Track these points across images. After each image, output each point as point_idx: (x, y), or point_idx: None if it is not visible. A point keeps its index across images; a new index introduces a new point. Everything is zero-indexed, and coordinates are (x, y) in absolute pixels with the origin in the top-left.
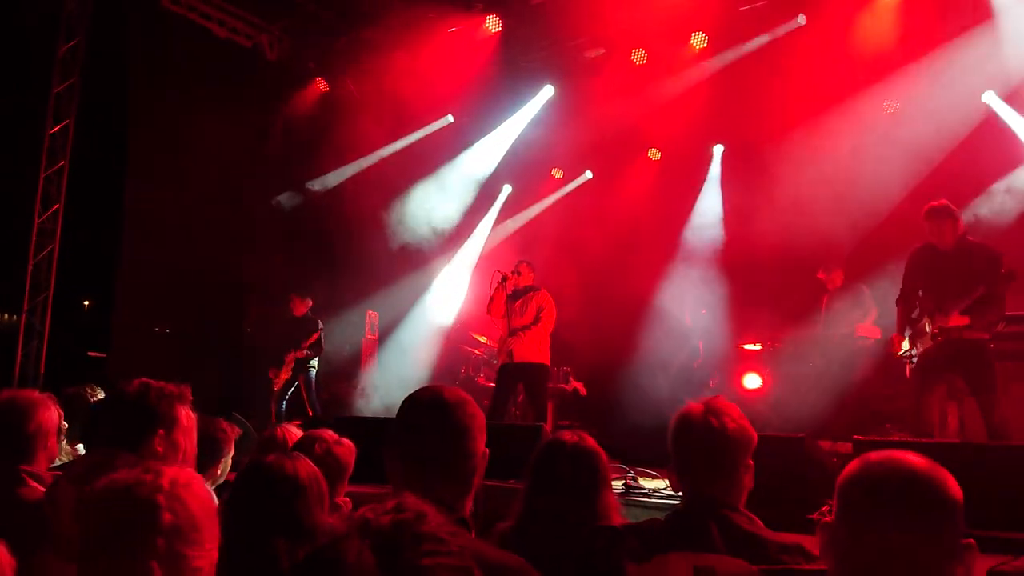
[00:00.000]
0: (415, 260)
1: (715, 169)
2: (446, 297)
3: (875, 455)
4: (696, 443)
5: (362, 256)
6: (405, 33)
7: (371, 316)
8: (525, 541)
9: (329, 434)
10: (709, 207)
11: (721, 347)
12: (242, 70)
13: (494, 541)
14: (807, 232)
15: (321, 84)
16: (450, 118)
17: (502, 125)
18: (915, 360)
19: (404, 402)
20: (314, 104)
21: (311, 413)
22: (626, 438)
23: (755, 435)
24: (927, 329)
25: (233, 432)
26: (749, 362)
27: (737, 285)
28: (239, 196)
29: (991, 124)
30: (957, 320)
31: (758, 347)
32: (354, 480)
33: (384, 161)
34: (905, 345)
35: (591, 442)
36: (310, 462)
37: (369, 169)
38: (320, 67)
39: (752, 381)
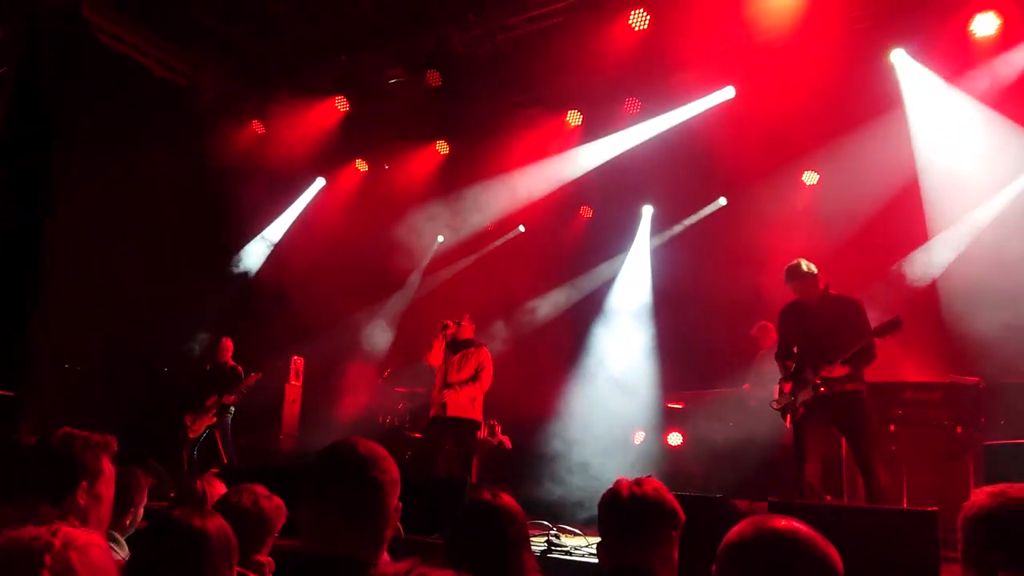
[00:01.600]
0: (347, 306)
1: (644, 229)
2: (376, 345)
3: (753, 523)
4: (619, 515)
5: (292, 300)
6: (344, 80)
7: (296, 362)
8: None
9: (260, 489)
10: (638, 264)
11: (648, 404)
12: (178, 109)
13: None
14: (735, 292)
15: (257, 126)
16: (386, 167)
17: (441, 176)
18: (794, 411)
19: (318, 455)
20: (250, 146)
21: (226, 462)
22: (550, 494)
23: (681, 512)
24: (809, 378)
25: (147, 481)
26: (674, 419)
27: (665, 342)
28: (165, 235)
29: (904, 200)
30: (840, 370)
31: (682, 405)
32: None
33: (320, 205)
34: (777, 396)
35: (508, 501)
36: (221, 518)
37: (305, 213)
38: (257, 109)
39: (675, 438)
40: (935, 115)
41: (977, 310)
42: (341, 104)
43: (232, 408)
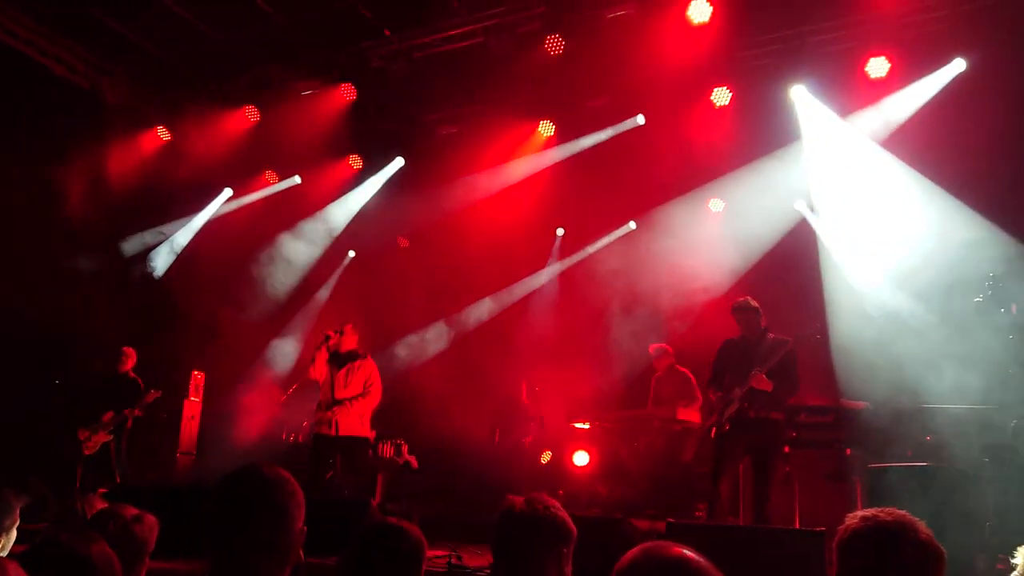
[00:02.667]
0: (251, 322)
1: (556, 249)
2: (281, 360)
3: (644, 549)
4: (514, 533)
5: (193, 313)
6: (256, 89)
7: (196, 377)
8: None
9: (129, 510)
10: (548, 285)
11: (553, 424)
12: (78, 112)
13: None
14: (640, 316)
15: (163, 132)
16: (297, 179)
17: (351, 192)
18: (720, 426)
19: (222, 479)
20: (154, 153)
21: (118, 480)
22: (455, 514)
23: (574, 528)
24: (736, 394)
25: (19, 502)
26: (579, 440)
27: (571, 362)
28: (63, 240)
29: (802, 229)
30: (764, 383)
31: (587, 426)
32: (166, 555)
33: (227, 217)
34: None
35: (406, 525)
36: (105, 543)
37: (211, 224)
38: (163, 115)
39: (581, 459)
40: (830, 150)
41: (867, 337)
42: (251, 114)
43: (129, 424)
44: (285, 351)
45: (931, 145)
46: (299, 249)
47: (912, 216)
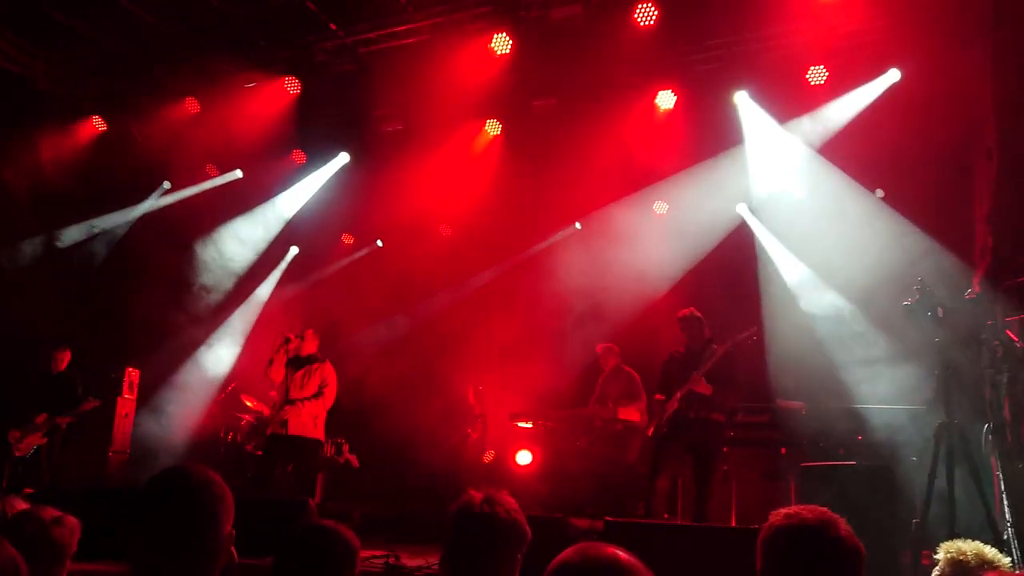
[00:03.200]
0: (188, 317)
1: (501, 248)
2: (219, 357)
3: (578, 550)
4: (471, 532)
5: (128, 308)
6: (198, 81)
7: (131, 374)
8: None
9: (48, 512)
10: (493, 284)
11: (497, 423)
12: (11, 99)
13: None
14: (584, 316)
15: (98, 122)
16: (239, 173)
17: (294, 187)
18: (660, 426)
19: (149, 481)
20: (89, 142)
21: (47, 480)
22: (394, 513)
23: (528, 531)
24: (676, 395)
25: None
26: (522, 439)
27: (516, 362)
28: None
29: (742, 232)
30: (703, 387)
31: (530, 425)
32: (93, 557)
33: (165, 210)
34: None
35: (341, 528)
36: (9, 546)
37: (148, 217)
38: (100, 105)
39: (524, 457)
40: (771, 155)
41: (803, 339)
42: (192, 106)
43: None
44: (223, 348)
45: (866, 152)
46: (239, 244)
47: (847, 221)
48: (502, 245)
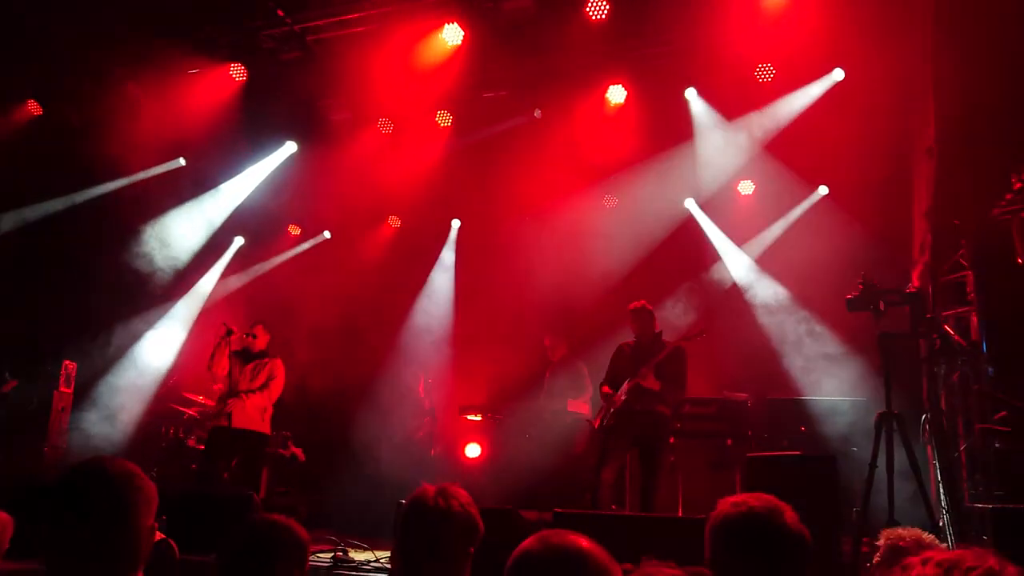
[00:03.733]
0: (128, 308)
1: (451, 241)
2: (160, 350)
3: (540, 538)
4: (424, 525)
5: (65, 300)
6: (139, 66)
7: (68, 366)
8: None
9: None
10: (443, 277)
11: (446, 417)
12: None
13: None
14: (534, 309)
15: (33, 107)
16: (181, 161)
17: (239, 176)
18: (606, 417)
19: (63, 475)
20: (23, 127)
21: None
22: (342, 508)
23: (481, 524)
24: (624, 389)
25: None
26: (471, 432)
27: (466, 355)
28: None
29: (691, 226)
30: (651, 382)
31: (479, 417)
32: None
33: (104, 198)
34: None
35: (288, 522)
36: None
37: (86, 205)
38: (35, 88)
39: (473, 450)
40: (719, 150)
41: (748, 332)
42: (134, 91)
43: None
44: (165, 340)
45: (811, 149)
46: (182, 235)
47: (792, 216)
48: (452, 237)
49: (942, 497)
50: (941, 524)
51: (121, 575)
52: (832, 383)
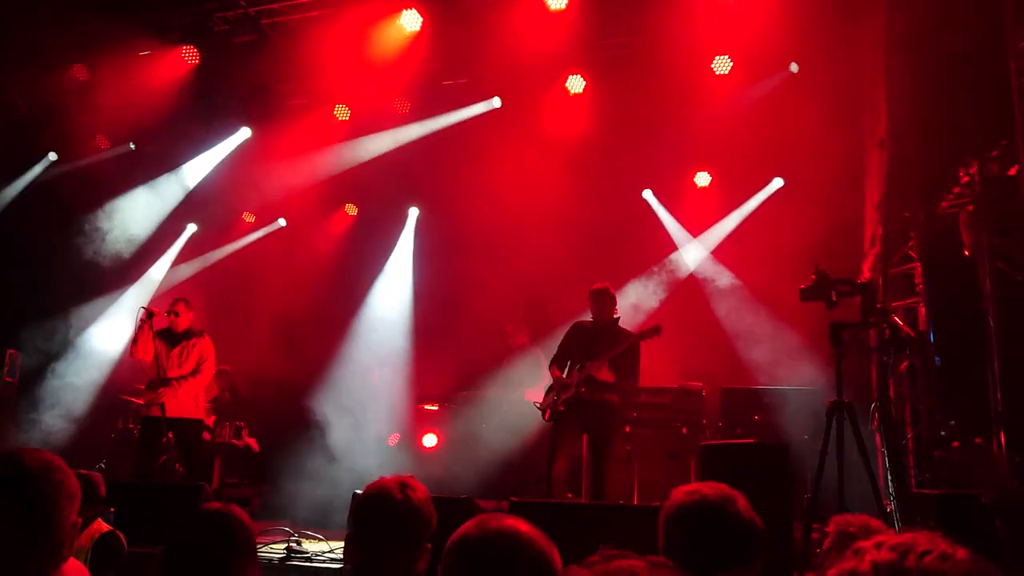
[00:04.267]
0: (78, 297)
1: (409, 229)
2: (110, 339)
3: (477, 522)
4: (384, 517)
5: (11, 287)
6: (88, 48)
7: (11, 356)
8: None
9: None
10: (401, 266)
11: (403, 406)
12: None
13: None
14: (493, 297)
15: None
16: (131, 146)
17: (191, 161)
18: (555, 407)
19: None
20: None
21: None
22: (297, 497)
23: (435, 517)
24: (573, 378)
25: None
26: (428, 421)
27: (422, 343)
28: None
29: (649, 216)
30: (605, 375)
31: (436, 407)
32: None
33: (51, 183)
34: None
35: (235, 511)
36: None
37: (32, 189)
38: None
39: (430, 440)
40: (674, 141)
41: (704, 321)
42: (81, 73)
43: None
44: (115, 328)
45: (767, 141)
46: (132, 221)
47: (748, 208)
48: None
49: (890, 484)
50: (889, 510)
51: (39, 573)
52: (785, 372)
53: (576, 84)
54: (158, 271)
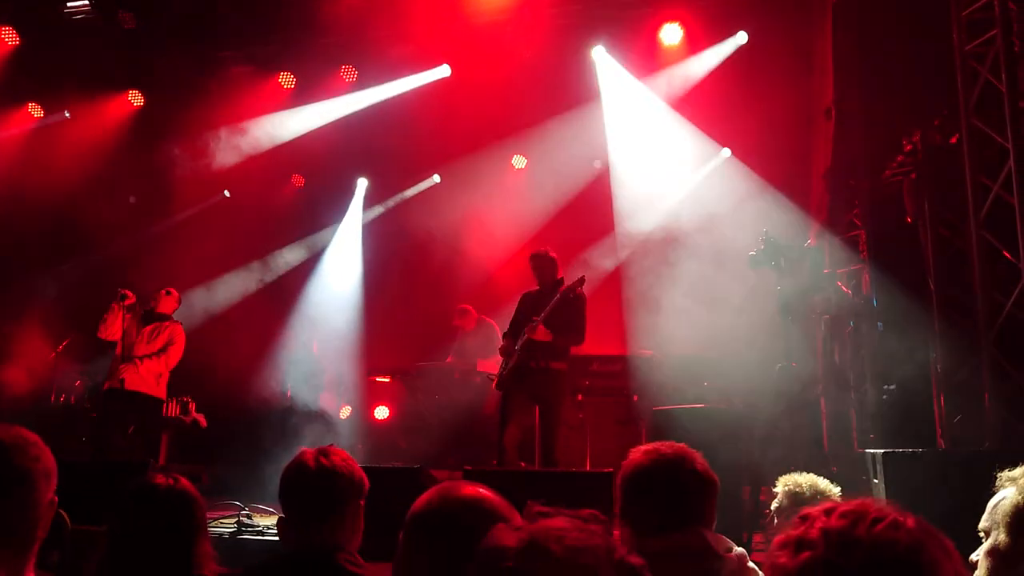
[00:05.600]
0: (15, 268)
1: (358, 201)
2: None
3: (439, 491)
4: (305, 487)
5: None
6: (16, 9)
7: None
8: None
9: None
10: (350, 238)
11: (354, 378)
12: None
13: None
14: (444, 269)
15: None
16: (66, 114)
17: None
18: (502, 378)
19: None
20: None
21: None
22: (245, 473)
23: (366, 478)
24: (518, 346)
25: None
26: (380, 393)
27: (372, 315)
28: None
29: (599, 186)
30: (542, 334)
31: (388, 379)
32: None
33: None
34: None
35: (183, 484)
36: None
37: None
38: None
39: (382, 412)
40: (626, 110)
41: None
42: (10, 36)
43: None
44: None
45: (718, 110)
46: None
47: (699, 174)
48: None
49: (835, 446)
50: (835, 470)
51: (15, 555)
52: (735, 339)
53: (527, 52)
54: (101, 243)
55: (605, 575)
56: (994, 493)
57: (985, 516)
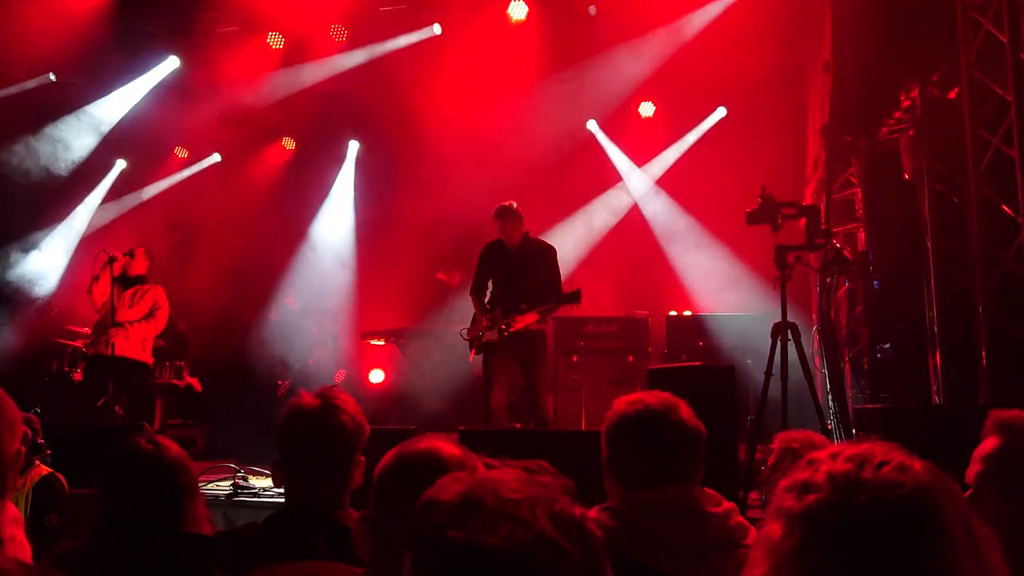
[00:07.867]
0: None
1: (349, 163)
2: (39, 280)
3: (399, 448)
4: (308, 437)
5: None
6: None
7: None
8: (98, 557)
9: None
10: (341, 201)
11: (348, 341)
12: None
13: (55, 563)
14: (437, 231)
15: None
16: (52, 77)
17: (115, 93)
18: (480, 345)
19: None
20: None
21: None
22: (241, 435)
23: (368, 428)
24: (498, 319)
25: None
26: (374, 356)
27: (366, 278)
28: None
29: (593, 147)
30: (530, 317)
31: (382, 342)
32: None
33: None
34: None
35: (173, 449)
36: None
37: None
38: None
39: (377, 375)
40: (620, 70)
41: (647, 250)
42: None
43: None
44: (41, 269)
45: (710, 68)
46: (57, 156)
47: (692, 138)
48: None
49: (830, 402)
50: (830, 427)
51: None
52: (730, 298)
53: (518, 11)
54: (86, 210)
55: (542, 527)
56: None
57: None
